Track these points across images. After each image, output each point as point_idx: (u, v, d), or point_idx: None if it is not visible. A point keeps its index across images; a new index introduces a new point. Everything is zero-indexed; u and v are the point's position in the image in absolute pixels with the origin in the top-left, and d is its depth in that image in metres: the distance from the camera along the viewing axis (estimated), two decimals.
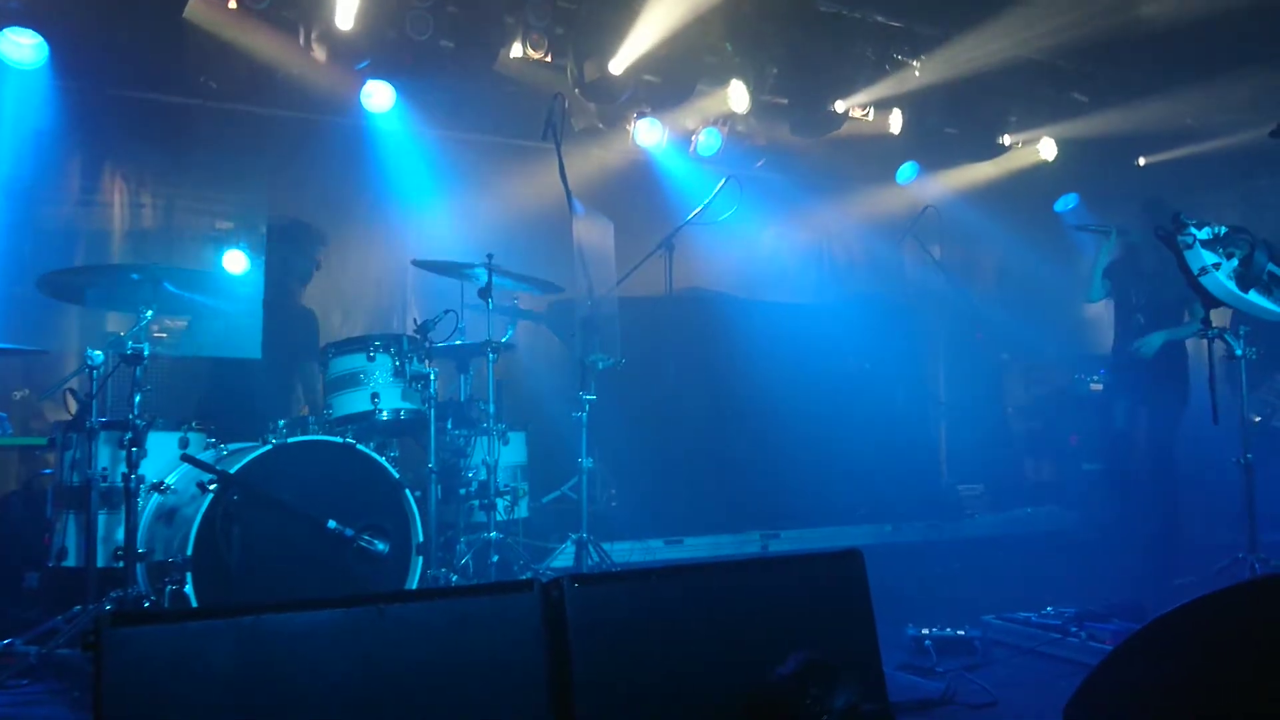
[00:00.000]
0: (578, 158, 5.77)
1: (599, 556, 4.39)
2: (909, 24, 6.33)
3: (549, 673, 2.25)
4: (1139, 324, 5.04)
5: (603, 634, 2.28)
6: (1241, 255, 3.83)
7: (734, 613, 2.41)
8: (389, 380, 4.10)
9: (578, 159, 5.76)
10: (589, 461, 4.46)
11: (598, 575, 2.98)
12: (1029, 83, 6.95)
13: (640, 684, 2.29)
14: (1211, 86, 6.26)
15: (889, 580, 4.38)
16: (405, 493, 3.87)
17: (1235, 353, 3.86)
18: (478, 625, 2.26)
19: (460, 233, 6.07)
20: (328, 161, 5.94)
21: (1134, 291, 5.13)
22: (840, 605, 2.52)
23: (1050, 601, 4.10)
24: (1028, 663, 3.62)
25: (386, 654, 2.17)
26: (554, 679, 2.25)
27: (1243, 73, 6.07)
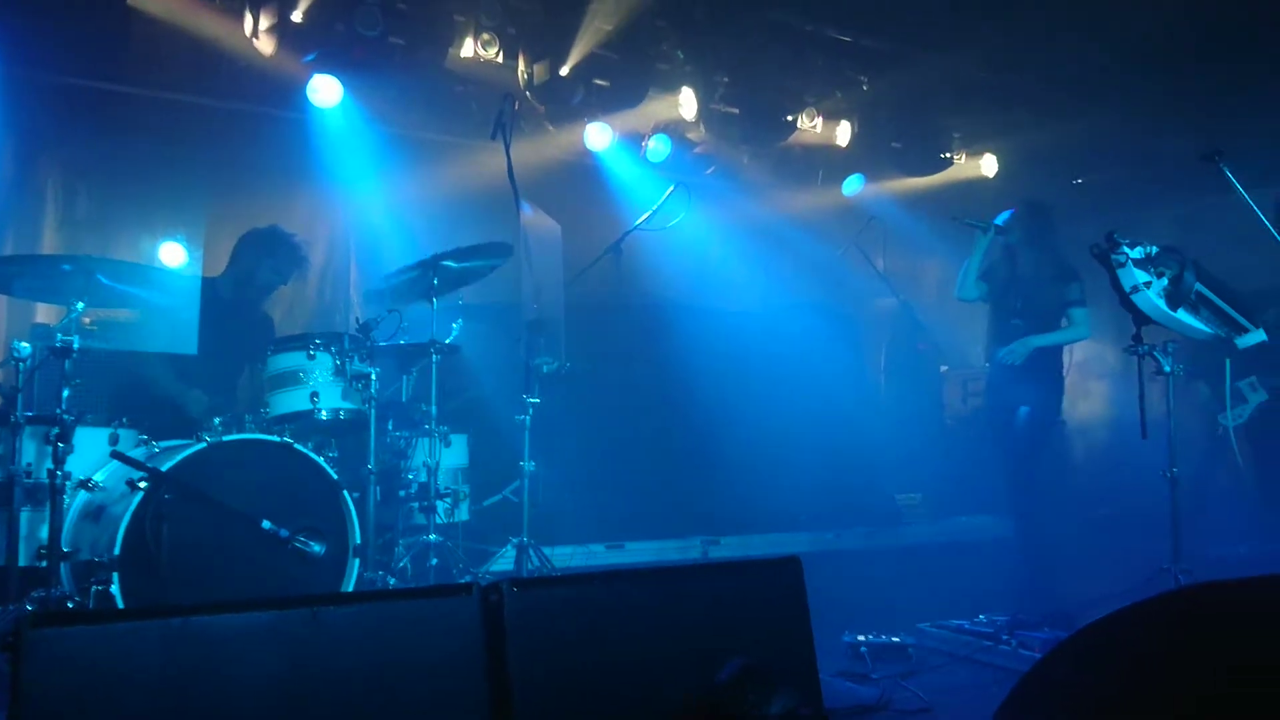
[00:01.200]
0: (527, 159, 5.73)
1: (540, 561, 4.37)
2: (858, 38, 6.41)
3: (487, 678, 2.23)
4: (1017, 329, 4.89)
5: (542, 639, 2.27)
6: (1172, 275, 3.94)
7: (673, 618, 2.41)
8: (329, 379, 4.04)
9: (527, 160, 5.72)
10: (531, 465, 4.44)
11: (537, 579, 2.97)
12: (973, 100, 7.08)
13: (579, 689, 2.28)
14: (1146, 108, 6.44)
15: (828, 587, 4.43)
16: (343, 494, 3.81)
17: (1164, 369, 3.97)
18: (415, 629, 2.23)
19: (406, 231, 6.01)
20: (272, 155, 5.84)
21: (1012, 295, 4.97)
22: (778, 612, 2.53)
23: (984, 609, 4.18)
24: (961, 670, 3.69)
25: (320, 658, 2.13)
26: (492, 684, 2.23)
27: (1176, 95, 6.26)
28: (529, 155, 5.92)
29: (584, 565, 4.69)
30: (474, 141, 5.73)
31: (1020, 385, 4.88)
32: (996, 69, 6.63)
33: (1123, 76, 6.29)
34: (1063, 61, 6.29)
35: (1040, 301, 4.89)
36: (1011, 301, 4.95)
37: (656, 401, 5.19)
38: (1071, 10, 5.56)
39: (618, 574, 2.58)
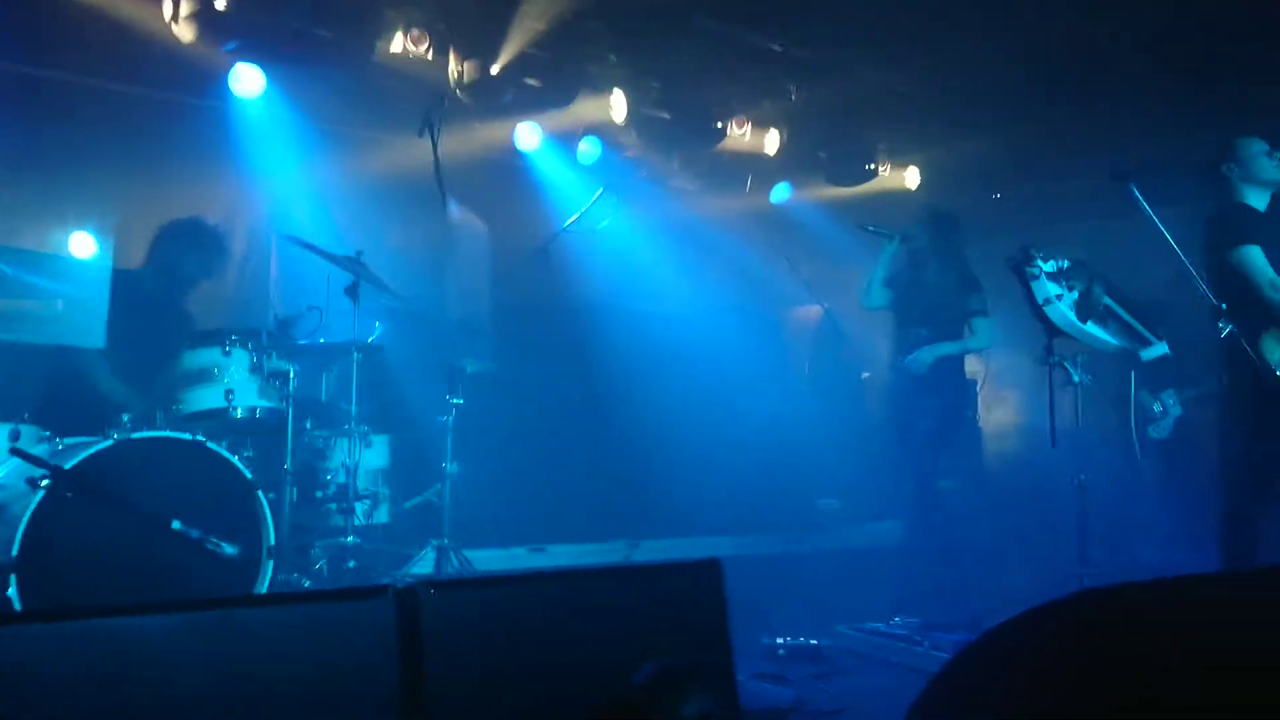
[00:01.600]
0: (455, 157, 5.67)
1: (460, 563, 4.33)
2: (789, 49, 6.49)
3: (402, 681, 2.19)
4: (920, 337, 4.94)
5: (459, 641, 2.24)
6: (1081, 288, 4.08)
7: (592, 621, 2.41)
8: (245, 376, 3.94)
9: (455, 158, 5.66)
10: (454, 466, 4.39)
11: (455, 581, 2.94)
12: (898, 114, 7.23)
13: (495, 692, 2.26)
14: (1062, 127, 6.64)
15: (748, 590, 4.46)
16: (258, 494, 3.72)
17: (1073, 379, 4.10)
18: (328, 632, 2.18)
19: (330, 228, 5.89)
20: (191, 145, 5.67)
21: (915, 304, 5.01)
22: (697, 614, 2.54)
23: (900, 612, 4.27)
24: (875, 671, 3.76)
25: (229, 661, 2.07)
26: (407, 687, 2.19)
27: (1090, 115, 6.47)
28: (457, 153, 5.85)
29: (506, 568, 4.66)
30: (401, 138, 5.64)
31: (921, 395, 4.93)
32: (922, 84, 6.78)
33: (1041, 95, 6.49)
34: (985, 79, 6.46)
35: (944, 310, 4.96)
36: (915, 310, 5.01)
37: (582, 404, 5.19)
38: (994, 29, 5.71)
39: (537, 576, 2.57)
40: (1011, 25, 5.62)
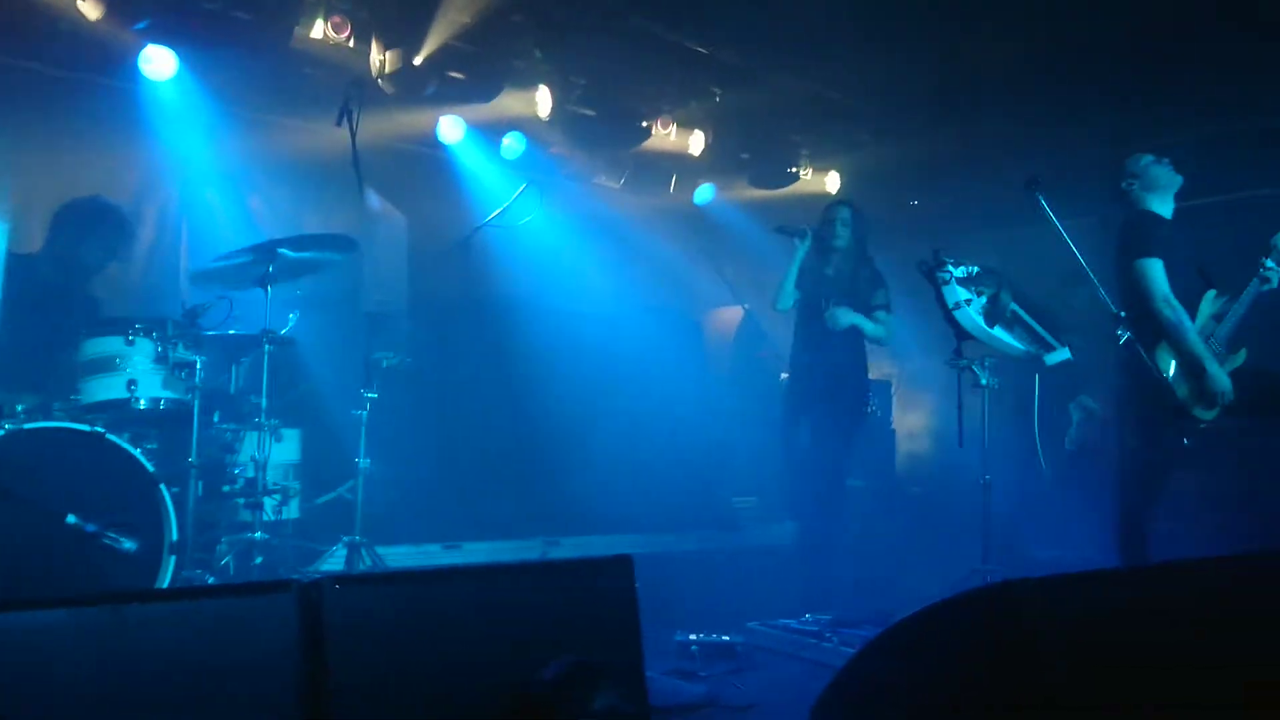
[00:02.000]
0: (375, 149, 5.58)
1: (373, 561, 4.26)
2: (714, 51, 6.54)
3: (304, 679, 2.15)
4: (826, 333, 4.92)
5: (364, 638, 2.20)
6: (990, 294, 4.21)
7: (502, 617, 2.39)
8: (149, 366, 3.81)
9: (375, 150, 5.58)
10: (367, 462, 4.32)
11: (361, 576, 2.89)
12: (820, 118, 7.34)
13: (401, 690, 2.23)
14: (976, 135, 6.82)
15: (665, 588, 4.49)
16: (160, 487, 3.61)
17: (981, 382, 4.22)
18: (227, 628, 2.13)
19: (243, 214, 5.74)
20: (97, 127, 5.46)
21: (823, 299, 4.98)
22: (608, 610, 2.54)
23: (810, 609, 4.34)
24: (786, 666, 3.81)
25: (123, 659, 2.00)
26: (309, 685, 2.14)
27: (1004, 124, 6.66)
28: (377, 144, 5.77)
29: (420, 565, 4.59)
30: (319, 126, 5.53)
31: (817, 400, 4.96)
32: (843, 91, 6.90)
33: (957, 106, 6.66)
34: (904, 88, 6.61)
35: (851, 303, 4.96)
36: (822, 305, 4.97)
37: (500, 400, 5.14)
38: (913, 41, 5.84)
39: (445, 572, 2.54)
40: (929, 37, 5.76)
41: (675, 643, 3.83)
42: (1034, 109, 6.49)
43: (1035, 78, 6.16)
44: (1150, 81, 5.92)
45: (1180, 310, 4.02)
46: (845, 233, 5.04)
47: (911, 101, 6.84)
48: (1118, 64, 5.83)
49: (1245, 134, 6.11)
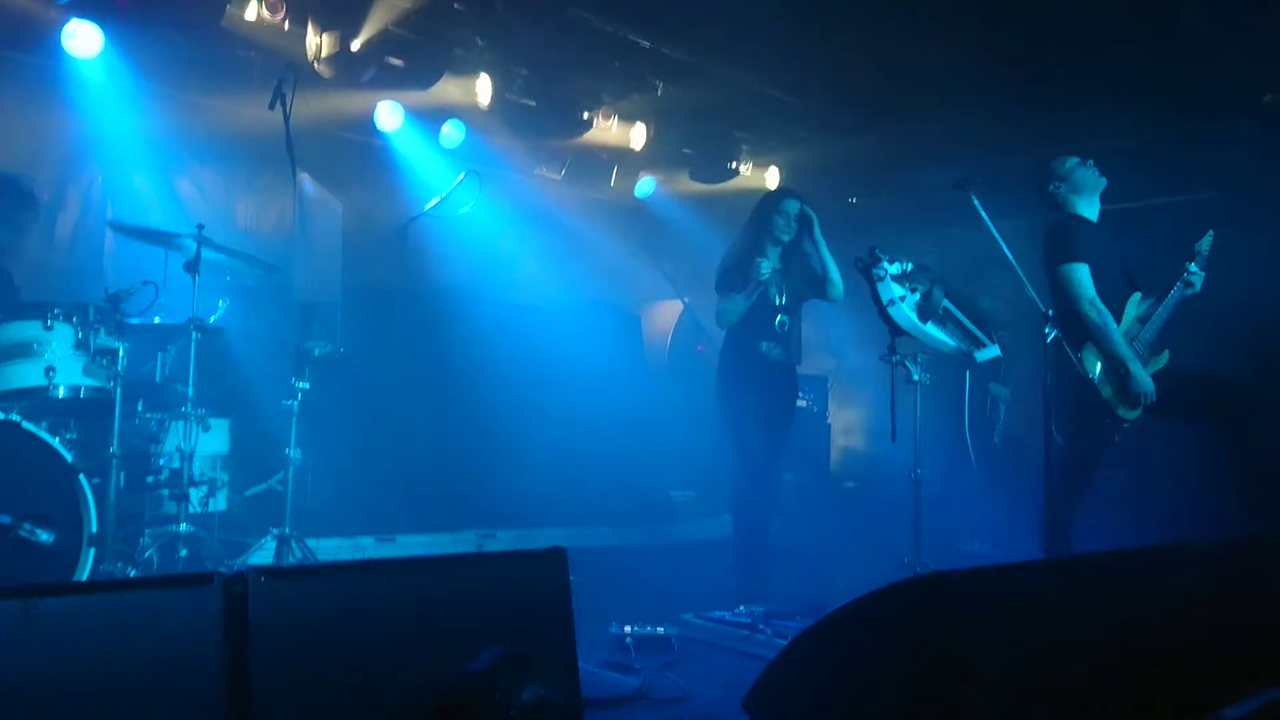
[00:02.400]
0: (310, 134, 5.47)
1: (303, 553, 4.18)
2: (657, 45, 6.54)
3: (227, 674, 2.10)
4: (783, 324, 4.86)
5: (290, 631, 2.15)
6: (923, 290, 4.27)
7: (433, 609, 2.36)
8: (69, 353, 3.69)
9: (311, 136, 5.46)
10: (298, 453, 4.24)
11: (288, 569, 2.83)
12: (761, 114, 7.38)
13: (329, 684, 2.19)
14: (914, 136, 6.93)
15: (602, 580, 4.50)
16: (79, 478, 3.49)
17: (913, 378, 4.28)
18: (148, 622, 2.07)
19: (173, 199, 5.59)
20: (14, 104, 5.27)
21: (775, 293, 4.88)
22: (541, 602, 2.53)
23: (744, 601, 4.37)
24: (720, 658, 3.83)
25: (36, 654, 1.93)
26: (232, 679, 2.10)
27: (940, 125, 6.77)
28: (312, 129, 5.65)
29: (352, 559, 4.52)
30: (252, 110, 5.40)
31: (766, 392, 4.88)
32: (784, 88, 6.95)
33: (896, 107, 6.75)
34: (844, 87, 6.68)
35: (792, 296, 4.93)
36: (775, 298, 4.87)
37: (436, 392, 5.07)
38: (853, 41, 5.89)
39: (374, 564, 2.50)
40: (868, 36, 5.82)
41: (610, 635, 3.83)
42: (970, 110, 6.61)
43: (971, 80, 6.27)
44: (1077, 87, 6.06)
45: (1105, 313, 4.14)
46: (793, 228, 4.92)
47: (851, 100, 6.91)
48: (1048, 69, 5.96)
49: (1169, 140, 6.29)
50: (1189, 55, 5.59)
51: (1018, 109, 6.51)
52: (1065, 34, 5.56)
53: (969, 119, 6.74)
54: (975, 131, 6.85)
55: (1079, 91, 6.09)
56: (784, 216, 4.90)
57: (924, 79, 6.32)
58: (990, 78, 6.23)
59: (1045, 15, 5.41)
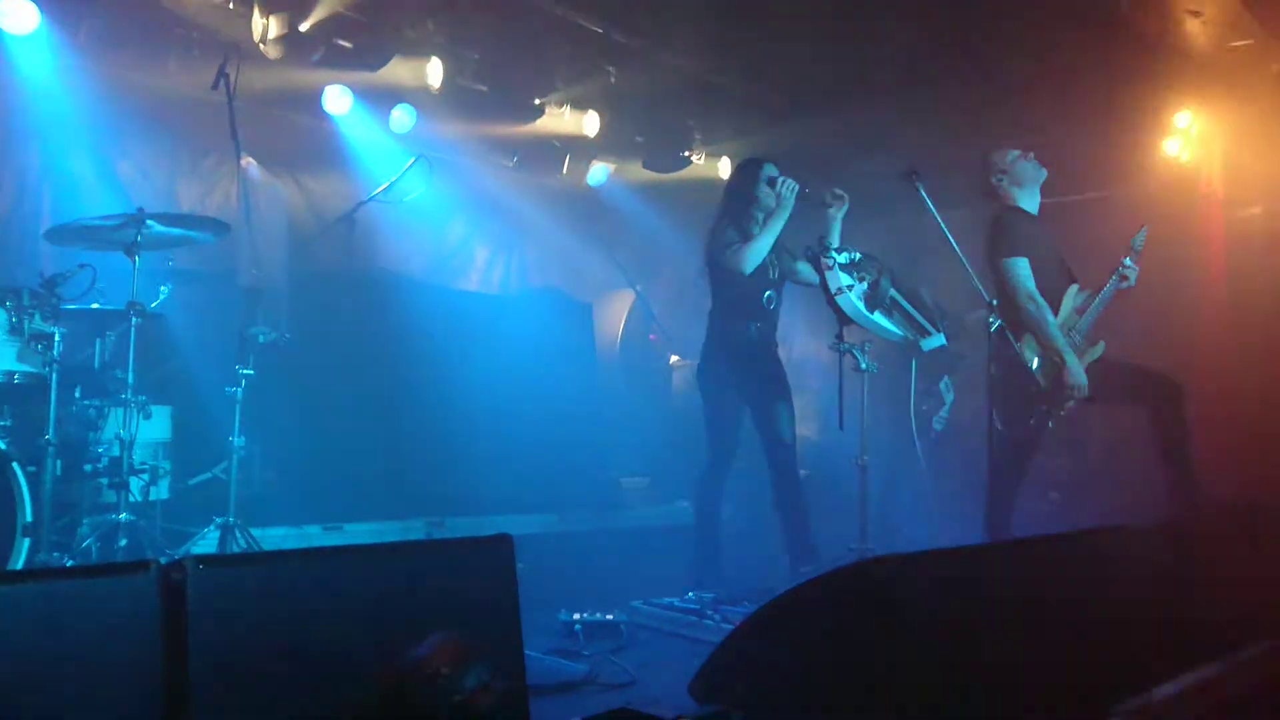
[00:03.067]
0: (256, 117, 5.37)
1: (247, 542, 4.12)
2: (609, 31, 6.51)
3: (164, 664, 2.06)
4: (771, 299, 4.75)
5: (230, 620, 2.13)
6: (870, 280, 4.32)
7: (377, 598, 2.34)
8: (2, 338, 3.60)
9: (256, 118, 5.37)
10: (242, 441, 4.18)
11: (228, 557, 2.79)
12: (713, 103, 7.39)
13: (270, 673, 2.16)
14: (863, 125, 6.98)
15: (551, 567, 4.50)
16: (13, 466, 3.42)
17: (860, 366, 4.34)
18: (82, 612, 2.02)
19: (113, 182, 5.46)
20: None
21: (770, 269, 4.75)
22: (487, 589, 2.52)
23: (694, 587, 4.41)
24: (667, 644, 3.86)
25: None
26: (169, 668, 2.06)
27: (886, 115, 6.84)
28: (258, 111, 5.56)
29: (298, 547, 4.47)
30: (196, 92, 5.29)
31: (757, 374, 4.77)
32: (735, 77, 6.96)
33: (844, 96, 6.80)
34: (793, 76, 6.71)
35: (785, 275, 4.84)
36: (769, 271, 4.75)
37: (384, 379, 5.03)
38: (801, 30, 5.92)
39: (317, 552, 2.48)
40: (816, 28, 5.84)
41: (559, 622, 3.84)
42: (915, 101, 6.68)
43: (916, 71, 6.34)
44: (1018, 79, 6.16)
45: (1043, 306, 4.24)
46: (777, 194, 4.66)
47: (801, 91, 6.95)
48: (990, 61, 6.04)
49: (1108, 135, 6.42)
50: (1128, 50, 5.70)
51: (962, 100, 6.60)
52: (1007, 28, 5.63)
53: (914, 110, 6.82)
54: (920, 122, 6.93)
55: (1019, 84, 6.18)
56: (767, 181, 4.69)
57: (869, 70, 6.38)
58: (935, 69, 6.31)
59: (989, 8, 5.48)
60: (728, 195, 4.88)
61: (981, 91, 6.35)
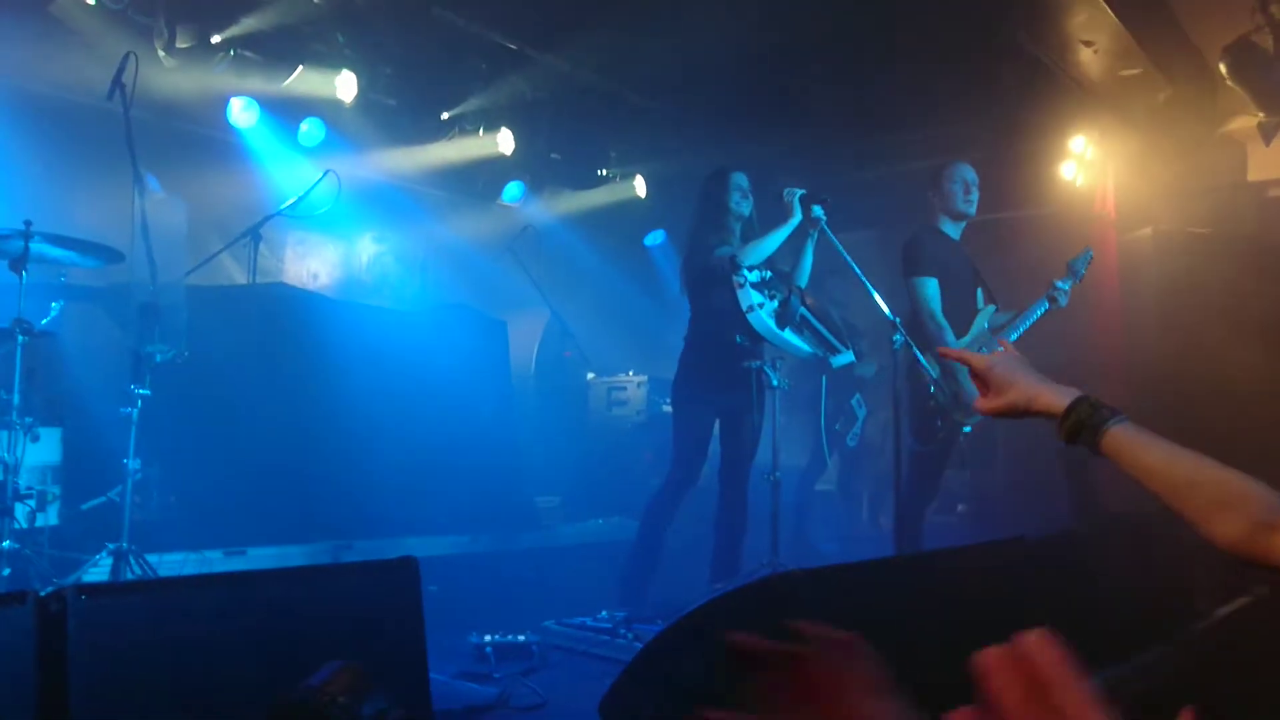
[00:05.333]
0: (156, 128, 5.20)
1: (142, 569, 3.94)
2: (523, 48, 6.49)
3: (41, 699, 1.96)
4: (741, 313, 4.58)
5: (115, 652, 2.03)
6: (781, 298, 4.38)
7: (274, 624, 2.26)
8: None
9: (156, 129, 5.20)
10: (137, 463, 4.00)
11: (114, 585, 2.67)
12: (628, 122, 7.42)
13: (157, 706, 2.07)
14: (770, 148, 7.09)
15: (463, 589, 4.42)
16: None
17: (772, 383, 4.38)
18: None
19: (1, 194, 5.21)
20: None
21: None
22: (391, 613, 2.47)
23: (608, 606, 4.38)
24: (580, 664, 3.83)
25: None
26: (47, 706, 1.96)
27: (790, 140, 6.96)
28: (158, 122, 5.38)
29: (197, 573, 4.30)
30: (91, 100, 5.08)
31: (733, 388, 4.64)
32: (646, 93, 7.01)
33: (754, 117, 6.91)
34: (704, 97, 6.78)
35: None
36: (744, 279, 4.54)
37: (290, 398, 4.87)
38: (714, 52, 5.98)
39: (210, 578, 2.38)
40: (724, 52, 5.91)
41: (469, 644, 3.77)
42: (822, 124, 6.82)
43: (822, 95, 6.48)
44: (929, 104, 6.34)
45: (945, 328, 4.35)
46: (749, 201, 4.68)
47: (710, 111, 7.03)
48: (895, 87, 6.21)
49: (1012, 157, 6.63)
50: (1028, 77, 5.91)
51: (870, 124, 6.76)
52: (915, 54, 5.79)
53: (823, 133, 6.96)
54: (830, 145, 7.08)
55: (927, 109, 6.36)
56: (739, 190, 4.66)
57: (777, 90, 6.49)
58: (842, 93, 6.45)
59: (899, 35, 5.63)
60: (701, 206, 4.78)
61: (893, 115, 6.51)
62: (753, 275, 4.35)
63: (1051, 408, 1.42)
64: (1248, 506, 1.22)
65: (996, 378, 1.49)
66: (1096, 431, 1.35)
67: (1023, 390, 1.46)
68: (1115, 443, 1.34)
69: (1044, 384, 1.45)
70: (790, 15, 5.45)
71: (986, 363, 1.52)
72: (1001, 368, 1.50)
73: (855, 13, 5.45)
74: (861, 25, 5.55)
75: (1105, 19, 5.14)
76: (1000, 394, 1.49)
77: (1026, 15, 5.36)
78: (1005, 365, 1.50)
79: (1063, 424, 1.39)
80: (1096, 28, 5.33)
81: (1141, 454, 1.32)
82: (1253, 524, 1.21)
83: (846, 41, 5.71)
